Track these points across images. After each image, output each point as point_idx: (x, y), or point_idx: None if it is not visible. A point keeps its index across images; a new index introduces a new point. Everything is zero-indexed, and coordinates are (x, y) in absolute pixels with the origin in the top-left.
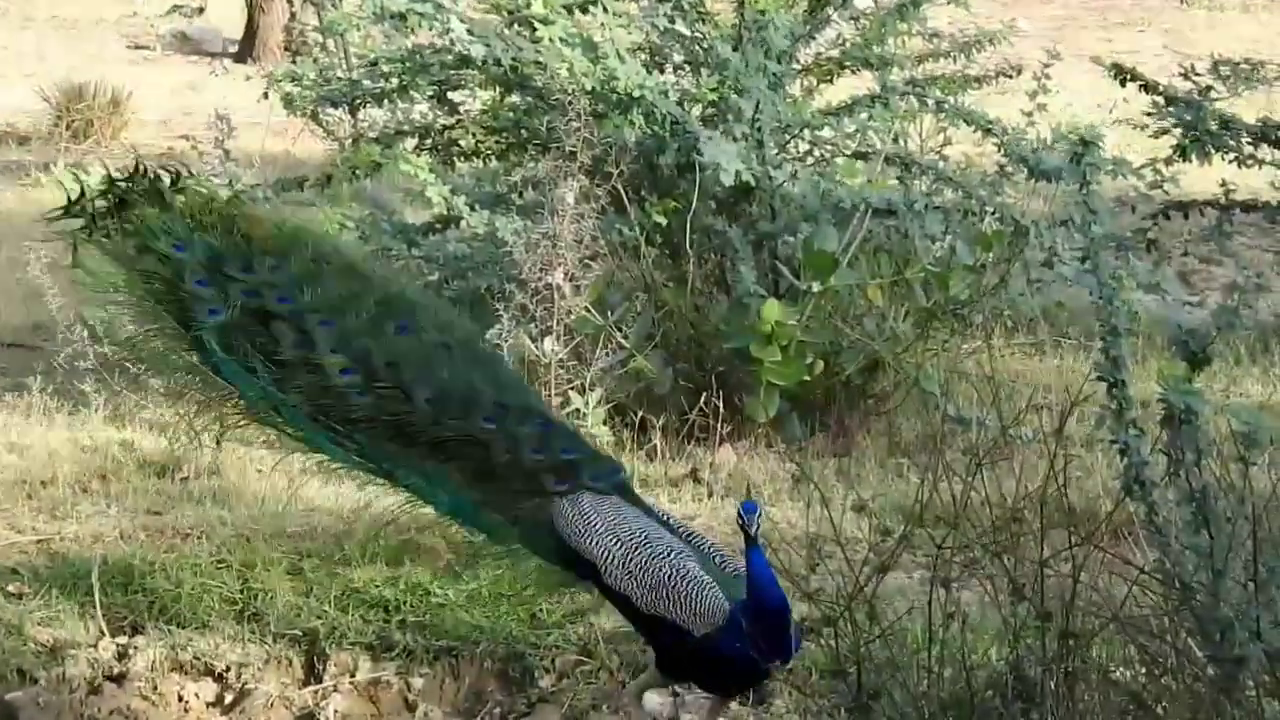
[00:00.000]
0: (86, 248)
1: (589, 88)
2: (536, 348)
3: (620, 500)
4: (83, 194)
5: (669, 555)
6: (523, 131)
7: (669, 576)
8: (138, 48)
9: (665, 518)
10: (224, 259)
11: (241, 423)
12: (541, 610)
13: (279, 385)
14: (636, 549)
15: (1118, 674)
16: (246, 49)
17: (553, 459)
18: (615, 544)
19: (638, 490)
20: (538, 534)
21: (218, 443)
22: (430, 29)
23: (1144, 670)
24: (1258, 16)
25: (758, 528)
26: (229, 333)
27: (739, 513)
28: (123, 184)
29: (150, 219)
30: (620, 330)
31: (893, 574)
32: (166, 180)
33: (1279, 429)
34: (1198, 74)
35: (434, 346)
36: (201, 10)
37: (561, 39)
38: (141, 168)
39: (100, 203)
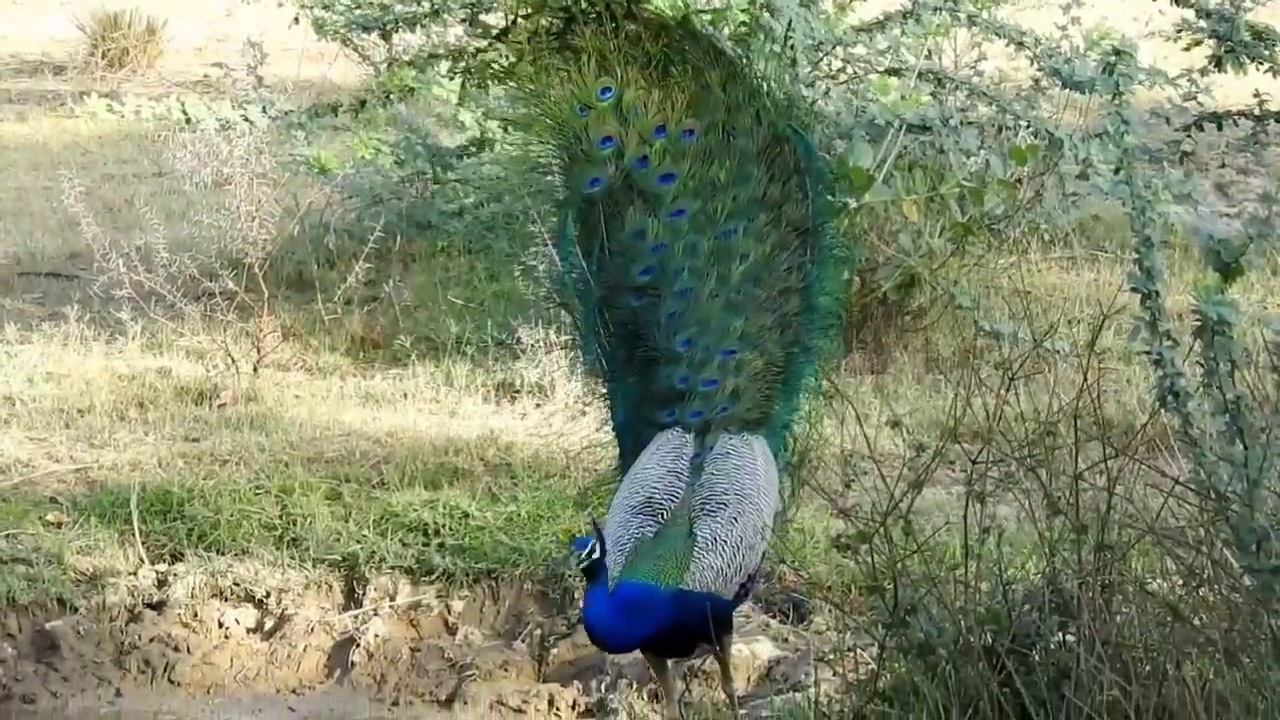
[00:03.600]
0: (520, 71)
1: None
2: None
3: (686, 443)
4: (541, 7)
5: (621, 514)
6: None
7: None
8: None
9: (716, 455)
10: (642, 114)
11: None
12: (580, 531)
13: (596, 274)
14: (616, 503)
15: (1154, 586)
16: None
17: (690, 387)
18: (618, 495)
19: None
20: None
21: (255, 368)
22: None
23: (1180, 582)
24: None
25: (586, 563)
26: (593, 207)
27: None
28: (582, 3)
29: (595, 48)
30: None
31: (929, 489)
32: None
33: None
34: None
35: (732, 256)
36: None
37: None
38: None
39: (546, 20)
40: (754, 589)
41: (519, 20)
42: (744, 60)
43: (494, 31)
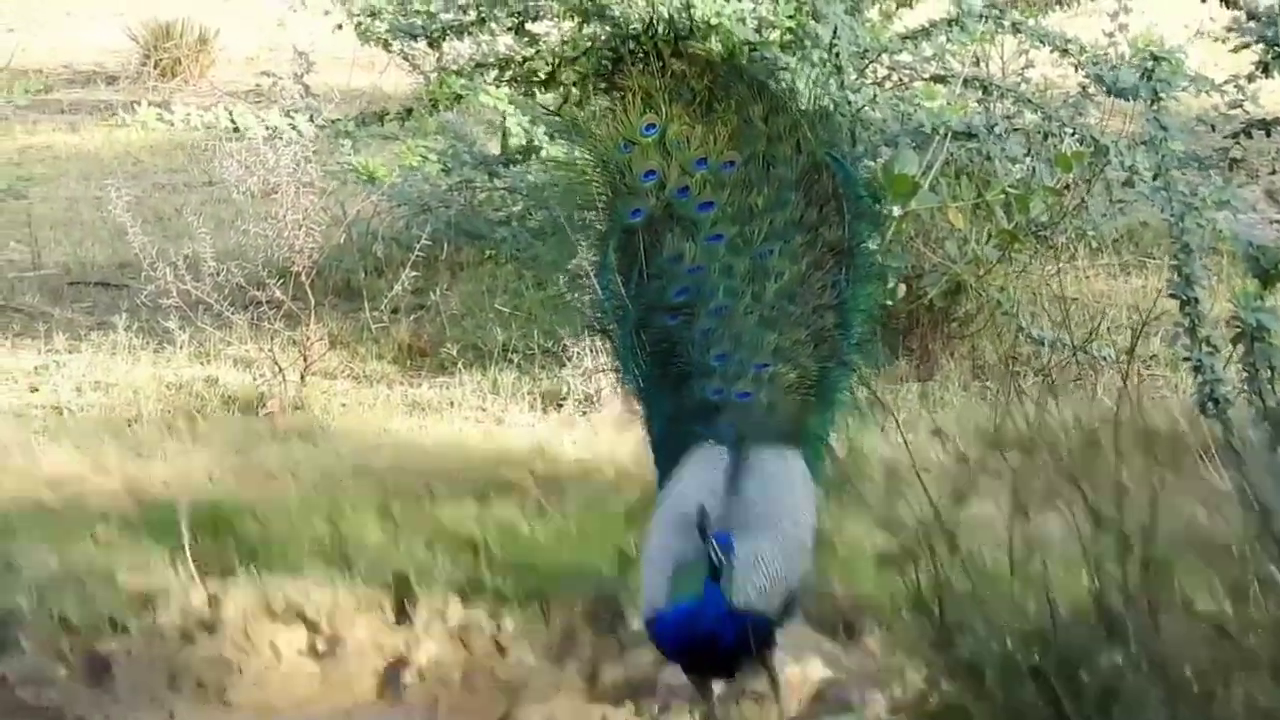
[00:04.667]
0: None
1: (666, 16)
2: None
3: (721, 457)
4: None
5: (660, 535)
6: (600, 61)
7: (643, 559)
8: None
9: (751, 470)
10: (684, 147)
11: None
12: (633, 546)
13: (634, 299)
14: (655, 522)
15: (1201, 604)
16: None
17: (724, 399)
18: (656, 516)
19: None
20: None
21: (302, 377)
22: None
23: (1228, 598)
24: None
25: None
26: (634, 235)
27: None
28: (629, 44)
29: (641, 87)
30: None
31: (974, 501)
32: (669, 41)
33: None
34: None
35: (767, 275)
36: None
37: None
38: (655, 20)
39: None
40: (797, 608)
41: (568, 64)
42: (787, 93)
43: (542, 75)
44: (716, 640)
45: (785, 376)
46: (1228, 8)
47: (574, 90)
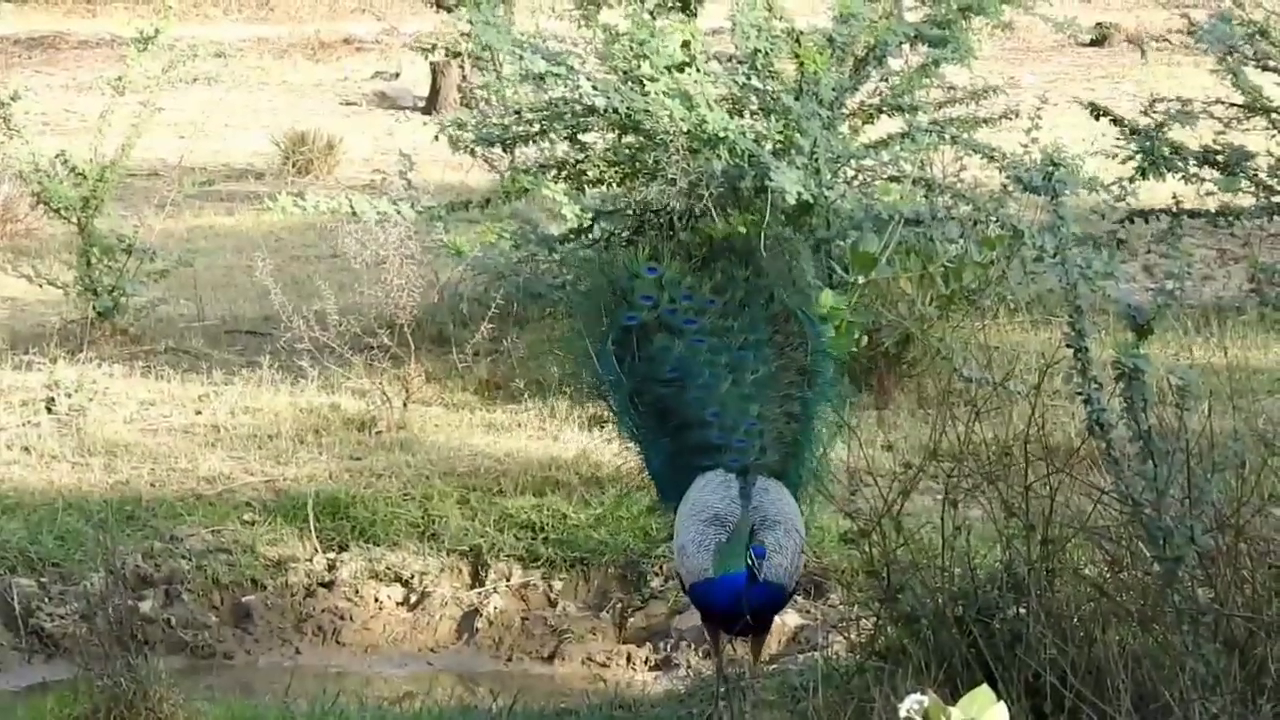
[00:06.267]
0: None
1: (686, 130)
2: None
3: (730, 480)
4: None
5: (696, 526)
6: (636, 164)
7: (681, 543)
8: (347, 104)
9: (758, 489)
10: (676, 285)
11: (584, 394)
12: (651, 529)
13: (629, 374)
14: (686, 519)
15: (1086, 571)
16: (431, 103)
17: (725, 443)
18: (684, 514)
19: None
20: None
21: (404, 404)
22: (564, 86)
23: (1106, 567)
24: (1204, 68)
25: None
26: (629, 333)
27: (751, 552)
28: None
29: (655, 245)
30: None
31: (917, 496)
32: (680, 217)
33: (1211, 384)
34: (1155, 113)
35: (745, 369)
36: (397, 75)
37: (664, 93)
38: (688, 209)
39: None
40: (798, 587)
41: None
42: (770, 264)
43: (591, 174)
44: (746, 601)
45: (769, 432)
46: (1115, 125)
47: (615, 186)
